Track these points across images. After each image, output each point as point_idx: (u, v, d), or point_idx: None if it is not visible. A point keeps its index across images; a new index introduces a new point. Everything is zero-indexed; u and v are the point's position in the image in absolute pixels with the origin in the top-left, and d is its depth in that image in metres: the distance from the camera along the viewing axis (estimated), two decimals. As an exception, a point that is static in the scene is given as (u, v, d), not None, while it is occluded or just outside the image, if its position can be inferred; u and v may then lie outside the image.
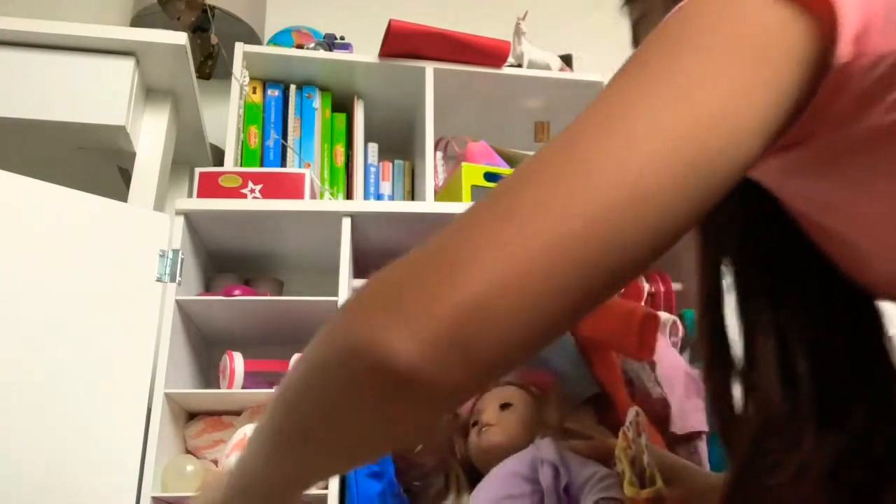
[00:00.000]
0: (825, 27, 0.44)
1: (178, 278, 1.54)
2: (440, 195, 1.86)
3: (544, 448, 1.24)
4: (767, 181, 0.57)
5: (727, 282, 0.64)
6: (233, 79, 1.91)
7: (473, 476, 1.36)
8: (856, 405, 0.58)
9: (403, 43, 1.94)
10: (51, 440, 1.34)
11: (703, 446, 1.44)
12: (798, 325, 0.60)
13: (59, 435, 1.34)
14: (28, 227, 1.45)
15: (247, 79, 1.94)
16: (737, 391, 0.62)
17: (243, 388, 1.52)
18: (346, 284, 1.55)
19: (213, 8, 1.98)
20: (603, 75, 2.08)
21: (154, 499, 1.38)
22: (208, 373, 1.68)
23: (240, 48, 1.94)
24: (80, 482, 1.34)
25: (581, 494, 1.14)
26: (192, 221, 1.61)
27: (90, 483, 1.33)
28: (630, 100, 0.43)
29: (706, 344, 0.65)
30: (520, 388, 1.45)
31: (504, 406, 1.38)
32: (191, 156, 1.94)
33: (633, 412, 1.03)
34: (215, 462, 1.51)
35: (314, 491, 1.41)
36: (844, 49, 0.44)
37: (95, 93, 1.65)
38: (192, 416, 1.59)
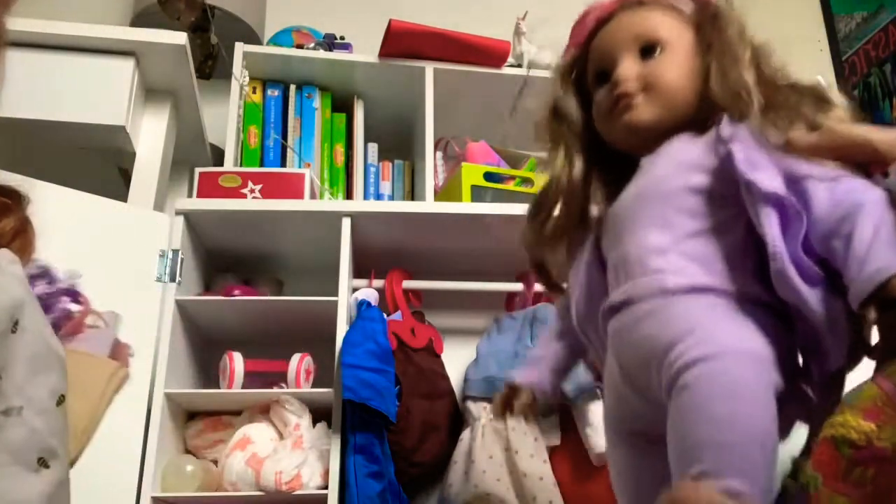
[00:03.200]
0: None
1: (177, 278, 1.54)
2: (440, 195, 1.86)
3: (741, 143, 0.70)
4: None
5: None
6: (233, 79, 1.91)
7: (616, 174, 0.84)
8: None
9: (403, 43, 1.94)
10: (51, 440, 1.33)
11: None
12: None
13: (59, 435, 1.34)
14: (28, 227, 1.44)
15: (247, 79, 1.94)
16: None
17: (243, 387, 1.52)
18: (346, 284, 1.55)
19: (213, 8, 1.98)
20: (603, 75, 2.07)
21: (154, 499, 1.38)
22: (208, 373, 1.68)
23: (240, 48, 1.94)
24: (80, 482, 1.32)
25: (837, 246, 0.65)
26: (192, 221, 1.61)
27: (90, 482, 1.33)
28: None
29: None
30: (671, 10, 0.84)
31: (647, 51, 0.81)
32: (191, 156, 1.94)
33: None
34: (215, 462, 1.50)
35: (314, 491, 1.41)
36: None
37: (95, 93, 1.65)
38: (191, 415, 1.59)
